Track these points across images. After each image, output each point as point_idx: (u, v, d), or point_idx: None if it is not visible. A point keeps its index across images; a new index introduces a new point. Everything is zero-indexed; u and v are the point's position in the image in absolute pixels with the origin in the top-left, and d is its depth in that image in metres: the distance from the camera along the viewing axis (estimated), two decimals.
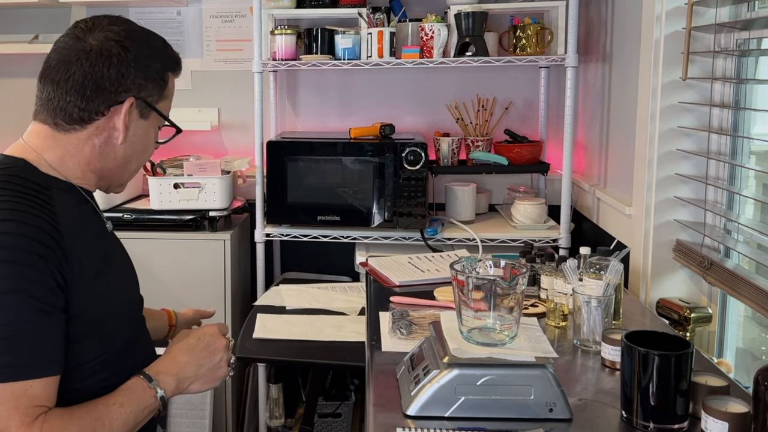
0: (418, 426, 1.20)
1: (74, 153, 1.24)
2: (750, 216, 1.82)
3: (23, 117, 3.25)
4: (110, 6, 3.02)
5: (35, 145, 1.25)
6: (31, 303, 1.07)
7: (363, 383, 2.57)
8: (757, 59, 1.78)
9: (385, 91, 2.99)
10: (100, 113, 1.22)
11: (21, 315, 1.07)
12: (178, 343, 1.31)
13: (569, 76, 2.49)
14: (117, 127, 1.23)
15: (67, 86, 1.20)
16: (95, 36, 1.22)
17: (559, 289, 1.66)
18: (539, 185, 2.88)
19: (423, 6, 2.81)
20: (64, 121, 1.22)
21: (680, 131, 1.93)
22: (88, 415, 1.12)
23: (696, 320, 1.73)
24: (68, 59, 1.21)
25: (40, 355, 1.08)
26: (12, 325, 1.06)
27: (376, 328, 1.66)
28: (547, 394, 1.22)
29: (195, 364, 1.29)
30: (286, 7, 2.69)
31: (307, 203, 2.59)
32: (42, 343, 1.08)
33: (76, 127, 1.23)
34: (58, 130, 1.23)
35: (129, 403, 1.18)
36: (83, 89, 1.20)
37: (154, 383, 1.21)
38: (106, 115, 1.23)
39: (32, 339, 1.07)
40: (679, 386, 1.17)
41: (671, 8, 1.90)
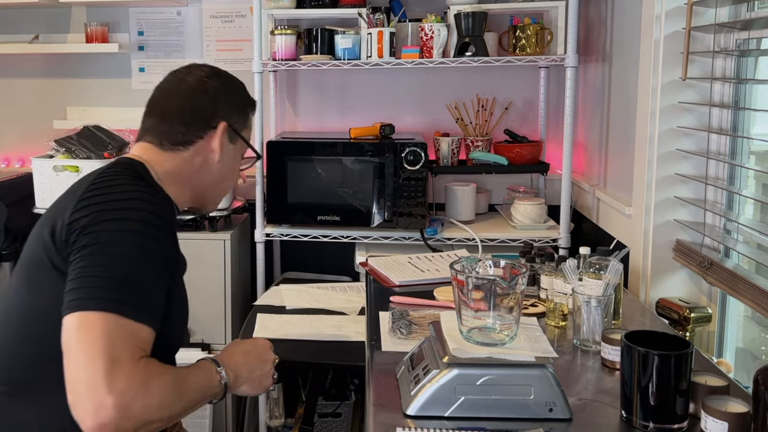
0: (418, 426, 1.20)
1: (177, 170, 1.44)
2: (750, 216, 1.82)
3: (23, 117, 3.27)
4: (110, 6, 3.02)
5: (146, 157, 1.43)
6: (157, 266, 1.25)
7: (363, 383, 2.57)
8: (756, 59, 1.78)
9: (385, 91, 2.99)
10: (199, 137, 1.44)
11: (147, 270, 1.23)
12: (234, 347, 1.44)
13: (569, 76, 2.50)
14: (213, 148, 1.45)
15: (171, 116, 1.44)
16: (191, 75, 1.47)
17: (558, 289, 1.66)
18: (539, 185, 2.88)
19: (423, 6, 2.81)
20: (169, 142, 1.43)
21: (680, 131, 1.93)
22: (174, 373, 1.23)
23: (696, 320, 1.73)
24: (170, 95, 1.46)
25: (155, 309, 1.23)
26: (142, 276, 1.21)
27: (376, 328, 1.66)
28: (547, 393, 1.22)
29: (248, 367, 1.40)
30: (286, 7, 2.69)
31: (307, 203, 2.59)
32: (158, 301, 1.24)
33: (179, 148, 1.44)
34: (163, 149, 1.44)
35: (200, 378, 1.28)
36: (184, 116, 1.43)
37: (221, 369, 1.32)
38: (203, 138, 1.44)
39: (153, 294, 1.23)
40: (678, 386, 1.17)
41: (671, 8, 1.90)
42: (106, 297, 1.17)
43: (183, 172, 1.44)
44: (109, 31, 2.99)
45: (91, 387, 1.11)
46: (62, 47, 3.03)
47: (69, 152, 2.71)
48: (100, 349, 1.13)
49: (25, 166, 3.13)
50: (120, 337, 1.16)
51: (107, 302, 1.16)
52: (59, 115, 3.13)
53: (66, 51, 3.03)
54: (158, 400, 1.17)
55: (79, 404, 1.12)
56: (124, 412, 1.12)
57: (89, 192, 1.29)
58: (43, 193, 2.72)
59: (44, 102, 3.14)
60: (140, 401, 1.14)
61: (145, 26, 3.06)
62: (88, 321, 1.15)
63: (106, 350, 1.13)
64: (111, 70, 3.11)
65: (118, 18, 3.06)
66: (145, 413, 1.15)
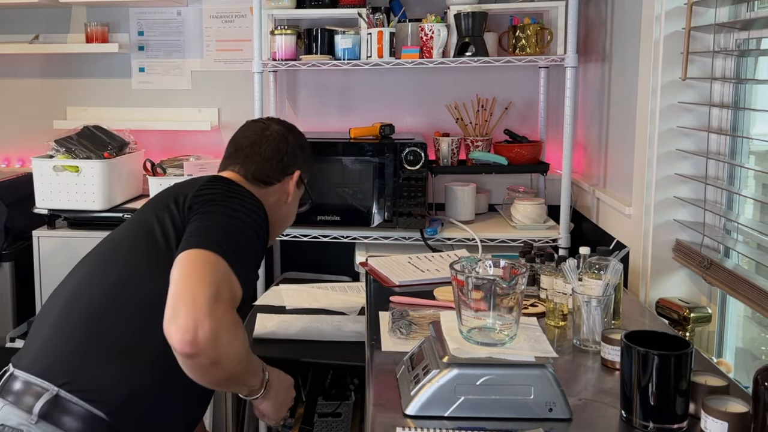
0: (418, 426, 1.20)
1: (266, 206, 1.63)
2: (749, 216, 1.82)
3: (23, 117, 3.28)
4: (110, 6, 3.02)
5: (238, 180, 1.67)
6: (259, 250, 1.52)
7: (363, 383, 2.57)
8: (756, 59, 1.78)
9: (385, 91, 2.99)
10: (279, 179, 1.72)
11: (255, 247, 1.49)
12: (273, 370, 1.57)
13: (569, 76, 2.50)
14: (288, 190, 1.74)
15: (259, 157, 1.70)
16: (272, 128, 1.76)
17: (558, 289, 1.66)
18: (539, 185, 2.88)
19: (423, 6, 2.81)
20: (254, 177, 1.69)
21: (680, 131, 1.93)
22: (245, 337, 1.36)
23: (696, 320, 1.73)
24: (259, 141, 1.72)
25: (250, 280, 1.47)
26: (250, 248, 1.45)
27: (376, 328, 1.66)
28: (547, 393, 1.22)
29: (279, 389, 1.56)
30: (286, 7, 2.69)
31: None
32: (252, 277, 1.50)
33: (262, 185, 1.69)
34: (248, 181, 1.68)
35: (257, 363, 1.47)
36: (271, 161, 1.70)
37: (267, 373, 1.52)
38: (281, 182, 1.72)
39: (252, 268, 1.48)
40: (678, 386, 1.17)
41: (671, 8, 1.90)
42: (225, 247, 1.35)
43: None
44: (109, 31, 2.99)
45: (196, 305, 1.23)
46: (62, 47, 3.03)
47: (69, 152, 2.71)
48: (210, 280, 1.28)
49: (25, 166, 3.13)
50: (227, 280, 1.32)
51: (225, 251, 1.34)
52: (59, 115, 3.13)
53: (66, 51, 3.03)
54: (239, 347, 1.31)
55: (178, 319, 1.23)
56: (213, 339, 1.23)
57: (211, 181, 1.57)
58: (43, 193, 2.72)
59: (44, 102, 3.14)
60: (227, 337, 1.26)
61: (145, 26, 3.06)
62: (206, 257, 1.32)
63: (216, 283, 1.28)
64: (111, 70, 3.11)
65: (118, 18, 3.06)
66: (227, 350, 1.26)
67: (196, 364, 1.26)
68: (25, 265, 2.74)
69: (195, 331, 1.22)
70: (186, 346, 1.23)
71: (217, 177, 1.65)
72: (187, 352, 1.23)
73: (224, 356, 1.27)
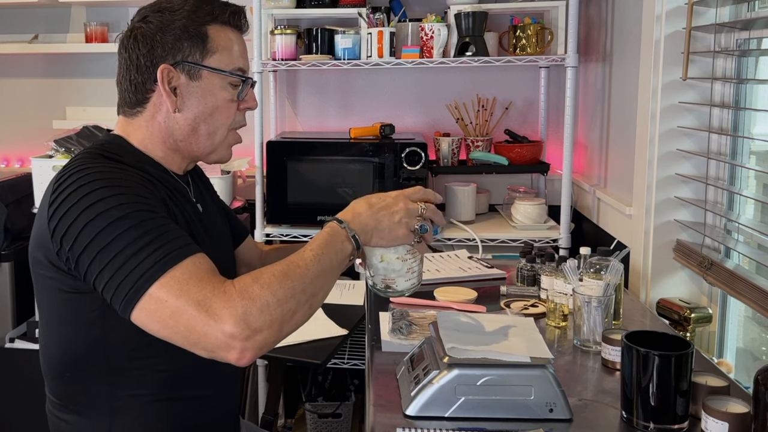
0: (418, 426, 1.20)
1: (148, 135, 1.32)
2: (750, 216, 1.82)
3: (23, 117, 3.26)
4: (110, 6, 3.03)
5: (121, 131, 1.34)
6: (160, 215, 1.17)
7: (363, 383, 2.57)
8: (757, 59, 1.78)
9: (385, 91, 2.99)
10: (150, 90, 1.29)
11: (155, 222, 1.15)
12: (359, 200, 1.31)
13: (569, 76, 2.49)
14: (168, 96, 1.28)
15: (121, 78, 1.32)
16: (127, 28, 1.32)
17: (559, 290, 1.66)
18: (539, 185, 2.88)
19: (423, 6, 2.81)
20: (128, 107, 1.32)
21: (680, 131, 1.93)
22: (272, 267, 1.15)
23: (696, 320, 1.73)
24: (118, 58, 1.33)
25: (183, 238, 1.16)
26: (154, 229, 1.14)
27: (376, 328, 1.66)
28: (548, 394, 1.22)
29: (374, 218, 1.27)
30: (286, 7, 2.69)
31: (307, 203, 2.59)
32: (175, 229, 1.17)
33: (138, 110, 1.31)
34: (128, 117, 1.33)
35: (315, 244, 1.21)
36: (129, 75, 1.30)
37: (345, 224, 1.24)
38: (155, 91, 1.29)
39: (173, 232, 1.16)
40: (679, 386, 1.17)
41: (671, 8, 1.90)
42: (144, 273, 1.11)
43: (154, 133, 1.31)
44: (109, 31, 2.99)
45: (208, 335, 1.09)
46: (62, 47, 3.02)
47: (68, 152, 2.71)
48: (184, 309, 1.09)
49: (24, 166, 3.12)
50: (186, 284, 1.11)
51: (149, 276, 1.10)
52: (59, 115, 3.13)
53: (66, 51, 3.03)
54: (268, 298, 1.10)
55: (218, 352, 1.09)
56: (246, 329, 1.08)
57: (53, 196, 1.21)
58: (43, 193, 2.71)
59: (44, 102, 3.14)
60: (252, 311, 1.09)
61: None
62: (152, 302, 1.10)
63: (190, 303, 1.09)
64: (111, 70, 3.04)
65: (117, 18, 3.05)
66: (265, 316, 1.09)
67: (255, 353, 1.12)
68: (25, 265, 2.71)
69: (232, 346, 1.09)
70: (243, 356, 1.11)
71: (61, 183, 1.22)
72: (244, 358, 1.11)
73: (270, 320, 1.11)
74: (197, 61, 1.29)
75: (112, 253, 1.12)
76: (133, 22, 1.31)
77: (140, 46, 1.28)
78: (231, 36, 1.35)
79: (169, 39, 1.27)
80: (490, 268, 2.05)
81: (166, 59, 1.27)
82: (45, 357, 1.33)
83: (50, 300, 1.28)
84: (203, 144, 1.34)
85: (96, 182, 1.17)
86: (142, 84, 1.29)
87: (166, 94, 1.28)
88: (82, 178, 1.19)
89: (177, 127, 1.31)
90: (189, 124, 1.31)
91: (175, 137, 1.32)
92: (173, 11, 1.29)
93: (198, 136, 1.32)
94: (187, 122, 1.31)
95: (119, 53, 1.32)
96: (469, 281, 1.97)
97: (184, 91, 1.29)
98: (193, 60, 1.28)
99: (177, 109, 1.29)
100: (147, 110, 1.31)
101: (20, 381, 2.60)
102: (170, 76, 1.28)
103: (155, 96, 1.29)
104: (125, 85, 1.31)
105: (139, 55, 1.28)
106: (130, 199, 1.16)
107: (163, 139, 1.32)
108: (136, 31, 1.29)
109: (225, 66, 1.32)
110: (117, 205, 1.14)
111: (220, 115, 1.33)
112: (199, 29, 1.29)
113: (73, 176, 1.20)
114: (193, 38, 1.28)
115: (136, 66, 1.29)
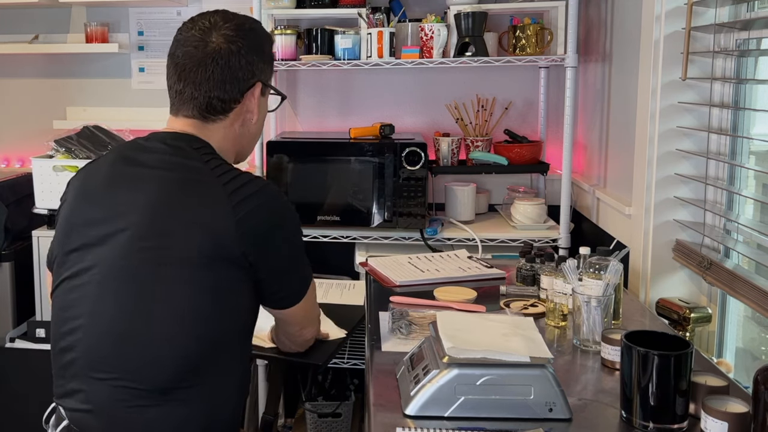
0: (418, 426, 1.20)
1: (223, 139, 1.45)
2: (750, 216, 1.82)
3: (23, 117, 3.27)
4: (110, 6, 3.02)
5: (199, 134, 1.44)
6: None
7: (363, 383, 2.57)
8: (756, 59, 1.78)
9: (385, 91, 2.99)
10: (237, 101, 1.43)
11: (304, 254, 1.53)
12: None
13: (569, 76, 2.50)
14: (251, 109, 1.46)
15: (210, 84, 1.40)
16: (217, 36, 1.41)
17: (558, 289, 1.66)
18: (539, 185, 2.88)
19: (423, 6, 2.81)
20: (210, 114, 1.42)
21: (680, 131, 1.93)
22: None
23: (696, 320, 1.73)
24: (204, 61, 1.40)
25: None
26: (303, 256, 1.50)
27: (376, 328, 1.67)
28: (547, 393, 1.22)
29: None
30: (286, 7, 2.69)
31: (307, 203, 2.59)
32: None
33: (220, 117, 1.43)
34: (206, 122, 1.43)
35: None
36: (223, 84, 1.40)
37: None
38: (240, 102, 1.44)
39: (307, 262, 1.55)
40: (678, 386, 1.17)
41: (671, 8, 1.90)
42: (303, 285, 1.48)
43: (228, 138, 1.46)
44: (109, 31, 2.99)
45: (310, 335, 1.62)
46: (62, 47, 3.02)
47: (69, 152, 2.71)
48: (316, 317, 1.61)
49: (25, 166, 3.12)
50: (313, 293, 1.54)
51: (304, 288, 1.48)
52: (59, 115, 3.13)
53: (66, 51, 3.03)
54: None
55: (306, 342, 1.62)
56: None
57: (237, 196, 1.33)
58: (43, 193, 2.72)
59: (44, 102, 3.14)
60: None
61: (145, 26, 3.06)
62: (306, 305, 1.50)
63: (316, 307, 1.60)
64: (111, 70, 3.11)
65: (118, 18, 3.05)
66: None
67: None
68: (25, 265, 2.74)
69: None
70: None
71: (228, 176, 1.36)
72: None
73: None
74: (268, 81, 1.50)
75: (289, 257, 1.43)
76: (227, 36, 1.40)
77: (240, 60, 1.41)
78: None
79: (260, 59, 1.45)
80: (489, 268, 2.05)
81: (257, 76, 1.45)
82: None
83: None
84: (250, 151, 1.56)
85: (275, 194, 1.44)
86: (233, 94, 1.42)
87: (256, 106, 1.46)
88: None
89: (248, 134, 1.49)
90: (256, 132, 1.52)
91: (243, 142, 1.50)
92: (260, 34, 1.48)
93: (255, 143, 1.55)
94: (256, 131, 1.51)
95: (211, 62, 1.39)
96: (469, 281, 1.98)
97: (259, 106, 1.48)
98: (267, 80, 1.49)
99: (255, 120, 1.48)
100: (228, 119, 1.44)
101: (20, 381, 2.60)
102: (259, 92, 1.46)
103: (240, 106, 1.44)
104: (216, 92, 1.40)
105: (237, 67, 1.41)
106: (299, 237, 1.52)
107: (234, 144, 1.48)
108: (235, 42, 1.40)
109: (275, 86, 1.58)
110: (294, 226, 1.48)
111: (263, 127, 1.57)
112: (272, 53, 1.52)
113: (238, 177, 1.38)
114: (270, 62, 1.50)
115: (233, 77, 1.41)
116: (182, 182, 1.36)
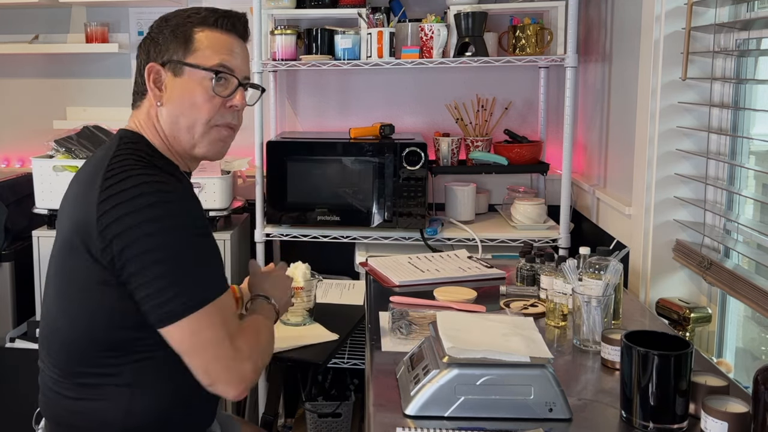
0: (418, 426, 1.20)
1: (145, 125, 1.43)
2: (749, 216, 1.82)
3: (23, 117, 3.26)
4: (110, 6, 3.02)
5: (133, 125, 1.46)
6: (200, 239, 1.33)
7: (363, 383, 2.57)
8: (756, 59, 1.78)
9: (385, 91, 2.99)
10: (143, 90, 1.43)
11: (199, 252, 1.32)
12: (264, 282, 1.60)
13: (569, 76, 2.50)
14: (155, 93, 1.41)
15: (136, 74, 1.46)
16: None
17: (558, 289, 1.66)
18: (539, 185, 2.88)
19: (423, 6, 2.81)
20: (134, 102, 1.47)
21: (680, 131, 1.93)
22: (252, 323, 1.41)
23: (696, 320, 1.73)
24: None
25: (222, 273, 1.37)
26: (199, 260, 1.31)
27: (376, 328, 1.67)
28: (547, 393, 1.22)
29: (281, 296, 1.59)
30: (286, 7, 2.69)
31: (307, 203, 2.59)
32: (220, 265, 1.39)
33: (138, 103, 1.45)
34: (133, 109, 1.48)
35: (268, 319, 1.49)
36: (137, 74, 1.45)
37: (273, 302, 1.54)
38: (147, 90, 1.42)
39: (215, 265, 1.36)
40: (678, 386, 1.17)
41: (671, 8, 1.90)
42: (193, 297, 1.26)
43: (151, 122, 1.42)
44: (109, 31, 2.99)
45: (230, 366, 1.28)
46: (62, 47, 3.02)
47: (69, 152, 2.71)
48: (218, 338, 1.27)
49: (25, 166, 3.13)
50: (222, 316, 1.28)
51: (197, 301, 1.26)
52: (59, 115, 3.13)
53: (66, 51, 3.03)
54: (266, 346, 1.40)
55: (222, 382, 1.28)
56: (257, 370, 1.32)
57: (105, 192, 1.27)
58: (43, 193, 2.72)
59: (44, 102, 3.14)
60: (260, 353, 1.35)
61: (145, 26, 3.05)
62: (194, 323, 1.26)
63: (223, 335, 1.27)
64: (111, 70, 3.11)
65: (118, 18, 3.05)
66: (265, 360, 1.38)
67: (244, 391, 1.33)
68: (25, 265, 2.74)
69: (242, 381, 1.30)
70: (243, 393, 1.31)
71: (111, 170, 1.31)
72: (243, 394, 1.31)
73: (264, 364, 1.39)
74: (180, 59, 1.39)
75: (163, 263, 1.25)
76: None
77: (141, 50, 1.44)
78: (219, 37, 1.42)
79: (160, 41, 1.40)
80: (489, 268, 2.06)
81: (155, 59, 1.40)
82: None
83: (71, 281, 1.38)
84: (184, 137, 1.42)
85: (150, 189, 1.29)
86: (142, 83, 1.43)
87: (149, 88, 1.40)
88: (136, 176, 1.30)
89: (163, 119, 1.41)
90: (170, 115, 1.40)
91: (164, 129, 1.41)
92: (168, 20, 1.43)
93: (179, 129, 1.41)
94: (170, 115, 1.40)
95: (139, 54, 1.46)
96: (469, 281, 1.98)
97: (168, 86, 1.39)
98: (177, 58, 1.39)
99: (160, 102, 1.40)
100: (143, 104, 1.44)
101: (20, 381, 2.60)
102: (157, 74, 1.40)
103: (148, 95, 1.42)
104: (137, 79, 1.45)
105: (141, 59, 1.43)
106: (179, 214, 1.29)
107: (159, 135, 1.42)
108: (146, 36, 1.45)
109: (205, 63, 1.39)
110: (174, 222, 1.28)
111: (199, 109, 1.40)
112: (186, 32, 1.40)
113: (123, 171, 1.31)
114: (179, 39, 1.39)
115: (138, 67, 1.44)
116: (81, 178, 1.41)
